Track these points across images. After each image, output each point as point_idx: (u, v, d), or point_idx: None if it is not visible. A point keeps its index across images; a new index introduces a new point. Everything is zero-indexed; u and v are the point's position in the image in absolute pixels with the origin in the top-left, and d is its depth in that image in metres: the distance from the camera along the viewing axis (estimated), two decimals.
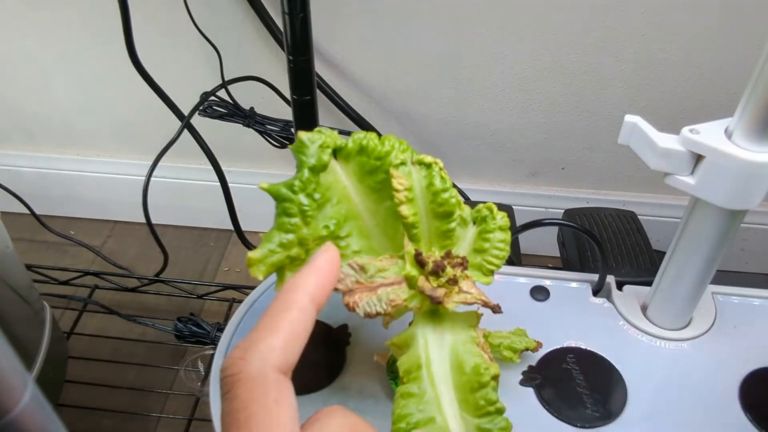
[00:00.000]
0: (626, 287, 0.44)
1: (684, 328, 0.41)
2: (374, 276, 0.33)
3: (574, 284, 0.44)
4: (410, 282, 0.32)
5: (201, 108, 0.66)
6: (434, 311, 0.33)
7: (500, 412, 0.29)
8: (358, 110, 0.78)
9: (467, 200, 0.79)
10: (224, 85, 0.66)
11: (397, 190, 0.33)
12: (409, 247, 0.33)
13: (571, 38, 0.71)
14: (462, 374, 0.31)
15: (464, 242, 0.35)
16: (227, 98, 0.69)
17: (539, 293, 0.43)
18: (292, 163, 0.32)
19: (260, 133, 0.68)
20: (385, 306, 0.31)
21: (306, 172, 0.32)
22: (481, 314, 0.34)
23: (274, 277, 0.46)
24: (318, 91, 0.78)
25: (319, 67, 0.77)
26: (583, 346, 0.40)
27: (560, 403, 0.37)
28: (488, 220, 0.35)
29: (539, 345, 0.39)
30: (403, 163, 0.33)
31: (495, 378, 0.30)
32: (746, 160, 0.32)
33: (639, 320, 0.41)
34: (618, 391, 0.38)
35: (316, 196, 0.32)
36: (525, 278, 0.44)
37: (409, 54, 0.75)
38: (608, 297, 0.43)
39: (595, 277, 0.44)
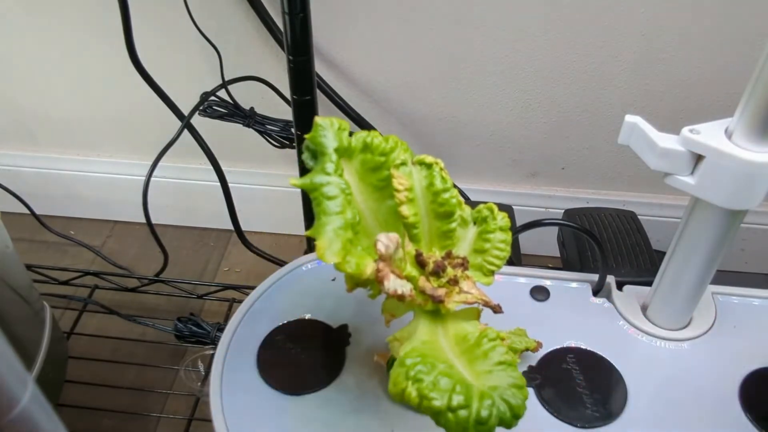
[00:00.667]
0: (626, 287, 0.44)
1: (684, 328, 0.41)
2: (396, 264, 0.32)
3: (574, 284, 0.44)
4: (411, 282, 0.32)
5: (201, 108, 0.66)
6: (435, 310, 0.33)
7: (511, 364, 0.28)
8: (358, 110, 0.78)
9: (467, 200, 0.79)
10: (224, 85, 0.66)
11: (397, 190, 0.33)
12: (410, 248, 0.33)
13: (571, 38, 0.71)
14: (466, 342, 0.30)
15: (465, 242, 0.36)
16: (227, 98, 0.69)
17: (539, 293, 0.43)
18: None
19: (260, 133, 0.68)
20: (409, 291, 0.30)
21: (333, 155, 0.32)
22: (481, 310, 0.34)
23: (272, 278, 0.46)
24: (318, 91, 0.78)
25: (319, 67, 0.77)
26: (583, 346, 0.40)
27: (560, 403, 0.37)
28: (489, 221, 0.35)
29: (539, 345, 0.39)
30: (403, 163, 0.33)
31: (502, 339, 0.30)
32: (746, 160, 0.32)
33: (639, 320, 0.41)
34: (618, 391, 0.38)
35: None
36: (525, 278, 0.44)
37: (409, 54, 0.75)
38: (608, 297, 0.43)
39: (595, 277, 0.44)
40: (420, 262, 0.33)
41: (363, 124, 0.78)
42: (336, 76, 0.78)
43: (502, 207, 0.66)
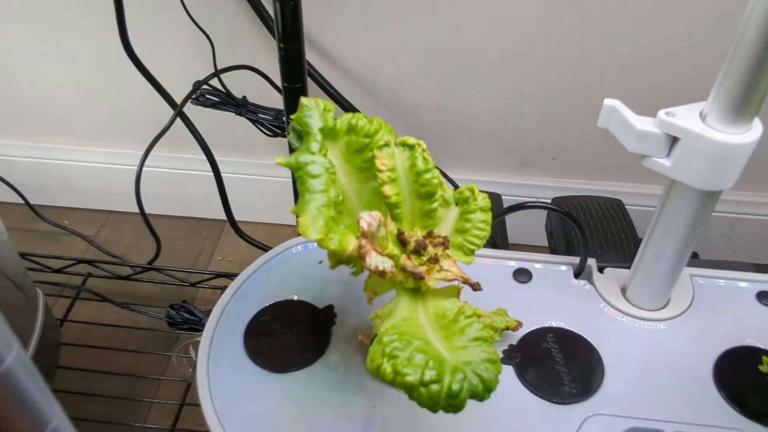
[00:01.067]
0: (607, 270, 0.45)
1: (662, 308, 0.42)
2: (378, 242, 0.33)
3: (556, 267, 0.45)
4: (392, 260, 0.33)
5: (193, 97, 0.66)
6: (416, 288, 0.34)
7: (486, 340, 0.29)
8: (351, 100, 0.79)
9: (456, 188, 0.80)
10: (217, 74, 0.67)
11: (380, 171, 0.33)
12: (392, 227, 0.34)
13: (563, 28, 0.72)
14: (444, 318, 0.31)
15: (447, 222, 0.36)
16: (220, 87, 0.69)
17: (522, 275, 0.44)
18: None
19: (252, 122, 0.69)
20: (390, 267, 0.31)
21: (318, 134, 0.33)
22: (461, 288, 0.35)
23: (261, 260, 0.47)
24: (309, 79, 0.78)
25: (311, 56, 0.77)
26: (563, 326, 0.41)
27: (539, 381, 0.38)
28: (470, 201, 0.36)
29: (519, 324, 0.40)
30: (386, 145, 0.34)
31: (478, 316, 0.31)
32: (719, 142, 0.33)
33: (618, 301, 0.42)
34: (596, 369, 0.39)
35: None
36: (508, 261, 0.45)
37: (400, 43, 0.76)
38: (589, 279, 0.44)
39: (577, 260, 0.45)
40: (402, 241, 0.34)
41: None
42: (329, 66, 0.79)
43: (490, 195, 0.67)
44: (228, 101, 0.67)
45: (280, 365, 0.39)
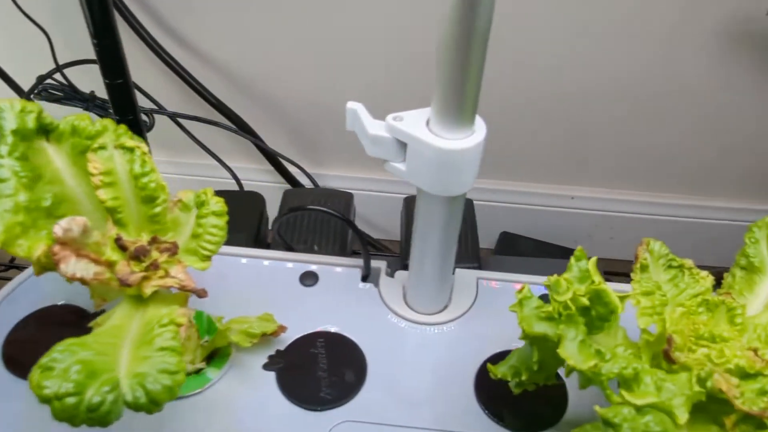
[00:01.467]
0: (398, 273, 0.44)
1: (439, 312, 0.42)
2: (91, 247, 0.32)
3: (344, 270, 0.44)
4: (110, 266, 0.32)
5: (36, 91, 0.64)
6: (138, 295, 0.33)
7: (174, 350, 0.29)
8: (221, 98, 0.77)
9: (316, 187, 0.79)
10: (59, 68, 0.65)
11: (92, 174, 0.32)
12: (112, 232, 0.33)
13: (422, 23, 0.71)
14: (149, 326, 0.30)
15: (187, 227, 0.35)
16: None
17: (308, 279, 0.44)
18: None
19: (101, 117, 0.67)
20: (92, 275, 0.31)
21: (10, 137, 0.32)
22: (189, 295, 0.34)
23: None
24: (177, 78, 0.77)
25: (177, 52, 0.76)
26: (335, 331, 0.41)
27: (296, 387, 0.37)
28: (205, 206, 0.35)
29: (281, 329, 0.39)
30: (102, 147, 0.33)
31: (177, 324, 0.30)
32: (440, 148, 0.32)
33: (397, 305, 0.42)
34: (358, 375, 0.38)
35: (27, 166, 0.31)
36: (296, 263, 0.45)
37: (271, 38, 0.74)
38: (376, 283, 0.44)
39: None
40: (120, 246, 0.33)
41: (223, 110, 0.78)
42: (196, 62, 0.77)
43: (342, 194, 0.66)
44: (74, 96, 0.65)
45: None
